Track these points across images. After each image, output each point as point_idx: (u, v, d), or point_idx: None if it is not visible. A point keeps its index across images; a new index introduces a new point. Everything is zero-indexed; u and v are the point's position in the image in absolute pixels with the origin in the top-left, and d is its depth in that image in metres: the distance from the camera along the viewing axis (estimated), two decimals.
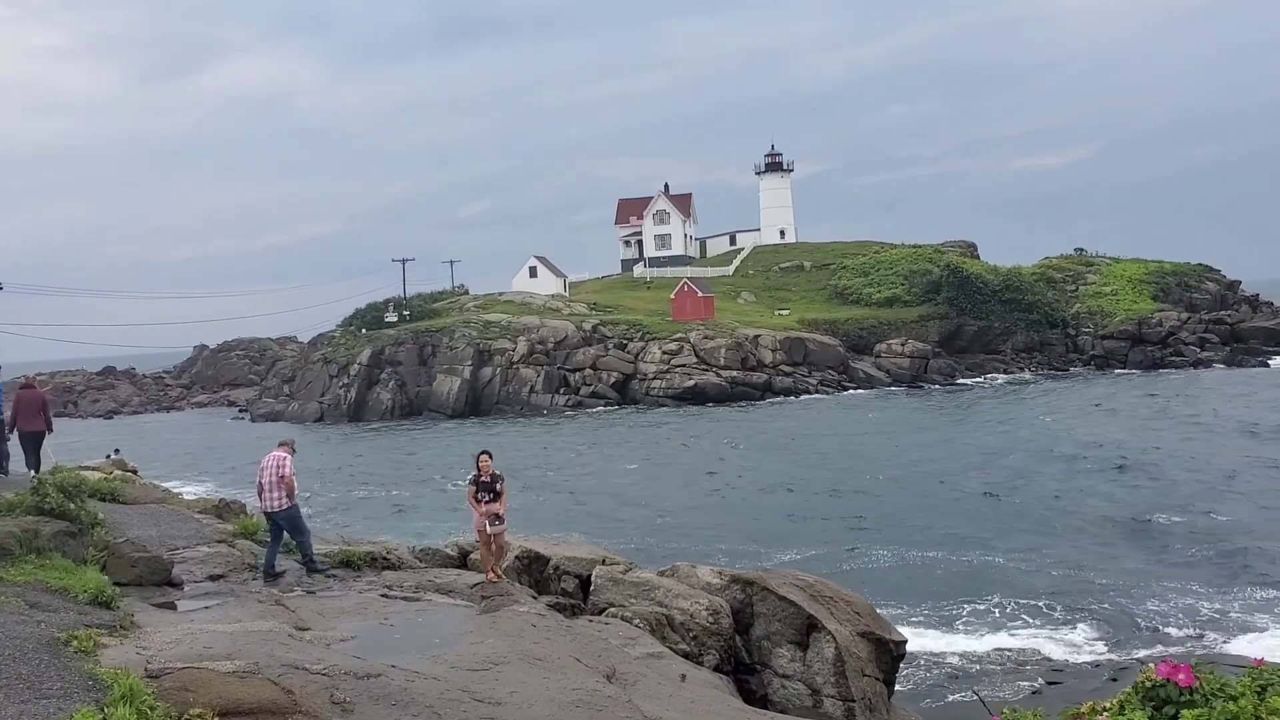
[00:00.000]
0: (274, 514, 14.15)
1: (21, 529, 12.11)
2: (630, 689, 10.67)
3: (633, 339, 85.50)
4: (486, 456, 14.03)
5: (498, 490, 13.91)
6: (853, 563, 28.57)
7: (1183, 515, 32.43)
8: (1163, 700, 4.15)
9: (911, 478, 42.14)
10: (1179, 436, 48.73)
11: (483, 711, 8.88)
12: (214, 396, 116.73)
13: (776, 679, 14.47)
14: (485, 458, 14.01)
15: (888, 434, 55.83)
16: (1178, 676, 4.17)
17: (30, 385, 20.25)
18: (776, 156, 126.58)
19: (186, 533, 16.18)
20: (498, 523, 13.94)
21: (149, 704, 7.44)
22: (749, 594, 15.27)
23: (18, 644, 8.56)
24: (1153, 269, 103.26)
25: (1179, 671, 4.18)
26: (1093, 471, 41.21)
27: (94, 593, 10.89)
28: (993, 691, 18.83)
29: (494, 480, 13.92)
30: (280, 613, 11.77)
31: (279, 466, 14.11)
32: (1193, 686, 4.13)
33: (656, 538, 32.78)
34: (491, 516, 13.82)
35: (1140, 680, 4.25)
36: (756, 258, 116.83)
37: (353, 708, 8.39)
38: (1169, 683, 4.18)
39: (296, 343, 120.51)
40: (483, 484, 13.94)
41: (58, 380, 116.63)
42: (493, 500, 13.83)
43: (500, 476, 14.06)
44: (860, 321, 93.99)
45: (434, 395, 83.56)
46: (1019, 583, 26.08)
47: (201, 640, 9.75)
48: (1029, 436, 51.72)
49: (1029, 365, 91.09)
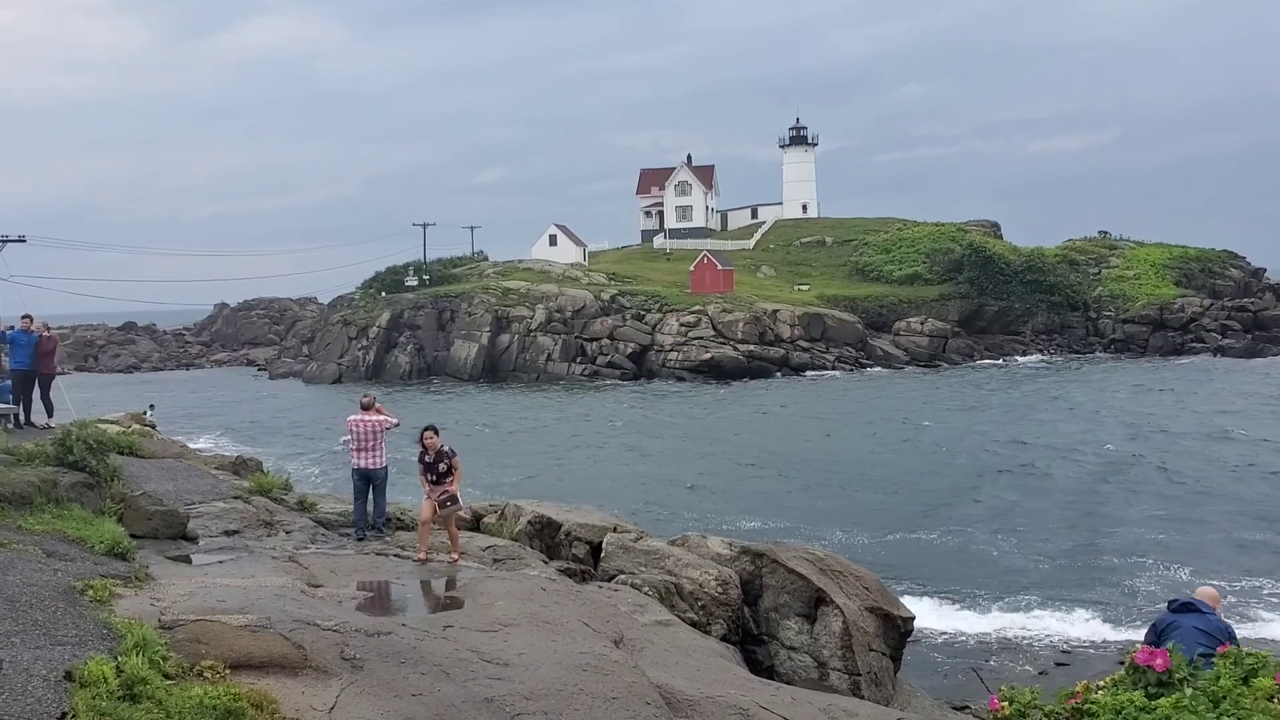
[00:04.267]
0: (372, 471, 14.33)
1: (41, 479, 12.26)
2: (638, 655, 10.76)
3: (650, 310, 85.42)
4: (432, 433, 12.99)
5: (447, 469, 13.01)
6: (863, 538, 28.62)
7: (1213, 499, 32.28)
8: (1145, 684, 4.24)
9: (926, 456, 42.11)
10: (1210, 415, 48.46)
11: (491, 671, 8.97)
12: (233, 355, 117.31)
13: (783, 650, 14.54)
14: (430, 434, 12.97)
15: (904, 412, 55.73)
16: (1155, 662, 4.27)
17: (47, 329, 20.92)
18: (801, 130, 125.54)
19: (203, 488, 16.34)
20: (450, 504, 13.03)
21: (161, 654, 7.54)
22: (758, 566, 15.33)
23: (34, 591, 8.69)
24: (1176, 254, 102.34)
25: (1156, 657, 4.28)
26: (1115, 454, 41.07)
27: (110, 544, 11.02)
28: (1000, 671, 18.88)
29: (439, 459, 13.01)
30: (293, 569, 11.89)
31: (377, 426, 14.25)
32: (1169, 670, 4.22)
33: (667, 508, 32.91)
34: (446, 498, 12.95)
35: (1128, 662, 4.34)
36: (778, 232, 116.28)
37: (362, 664, 8.48)
38: (1149, 668, 4.28)
39: (316, 304, 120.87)
40: (427, 464, 13.06)
41: (78, 334, 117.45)
42: (441, 481, 12.98)
43: (449, 453, 13.07)
44: (880, 299, 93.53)
45: (451, 360, 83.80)
46: (1033, 565, 26.09)
47: (215, 594, 9.87)
48: (1054, 417, 51.56)
49: (1048, 347, 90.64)
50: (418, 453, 13.17)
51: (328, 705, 7.61)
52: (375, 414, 14.38)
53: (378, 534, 14.48)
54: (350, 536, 14.42)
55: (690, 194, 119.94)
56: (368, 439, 14.24)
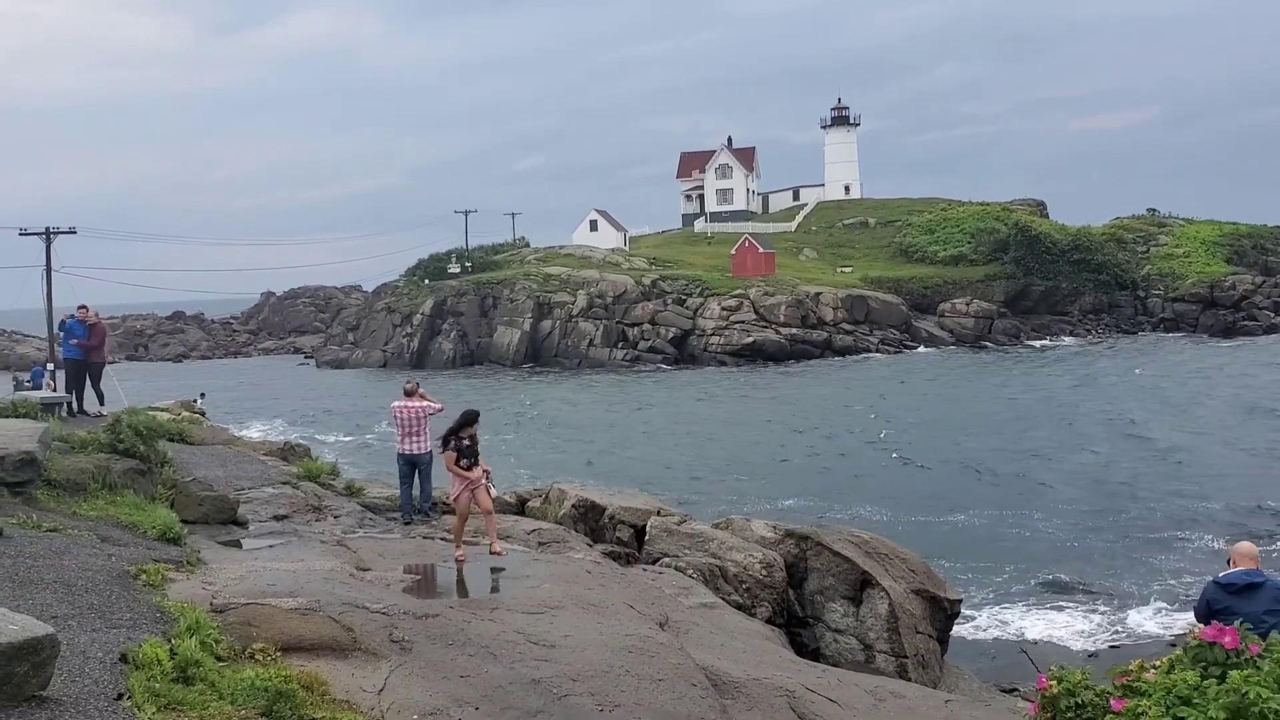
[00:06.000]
0: (418, 456, 14.47)
1: (94, 465, 12.47)
2: (683, 637, 10.77)
3: (692, 294, 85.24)
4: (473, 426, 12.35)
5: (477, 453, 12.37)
6: (909, 520, 28.41)
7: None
8: (1210, 662, 4.16)
9: (972, 437, 41.74)
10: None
11: (537, 653, 9.01)
12: (280, 343, 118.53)
13: (829, 633, 14.51)
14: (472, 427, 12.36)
15: (948, 393, 55.28)
16: (1224, 639, 4.20)
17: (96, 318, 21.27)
18: (843, 110, 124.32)
19: (252, 474, 16.55)
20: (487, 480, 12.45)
21: (214, 637, 7.64)
22: (803, 549, 15.29)
23: (90, 575, 8.84)
24: (1227, 231, 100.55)
25: (1225, 634, 4.21)
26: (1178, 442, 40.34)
27: (162, 529, 11.19)
28: (1049, 654, 18.69)
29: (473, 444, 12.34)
30: (342, 553, 12.01)
31: (421, 412, 14.37)
32: (1238, 649, 4.15)
33: (710, 491, 32.88)
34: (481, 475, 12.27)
35: (1190, 641, 4.27)
36: (820, 214, 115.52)
37: (410, 646, 8.55)
38: (1216, 645, 4.21)
39: (361, 291, 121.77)
40: (467, 449, 12.27)
41: (128, 324, 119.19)
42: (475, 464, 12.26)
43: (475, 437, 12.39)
44: (924, 280, 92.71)
45: (494, 346, 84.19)
46: (1085, 546, 25.76)
47: (265, 578, 9.99)
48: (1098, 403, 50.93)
49: (1096, 327, 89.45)
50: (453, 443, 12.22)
51: (377, 687, 7.69)
52: (419, 400, 14.48)
53: (424, 518, 14.60)
54: (397, 521, 14.56)
55: (731, 177, 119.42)
56: (412, 424, 14.35)
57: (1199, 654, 4.24)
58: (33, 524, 10.30)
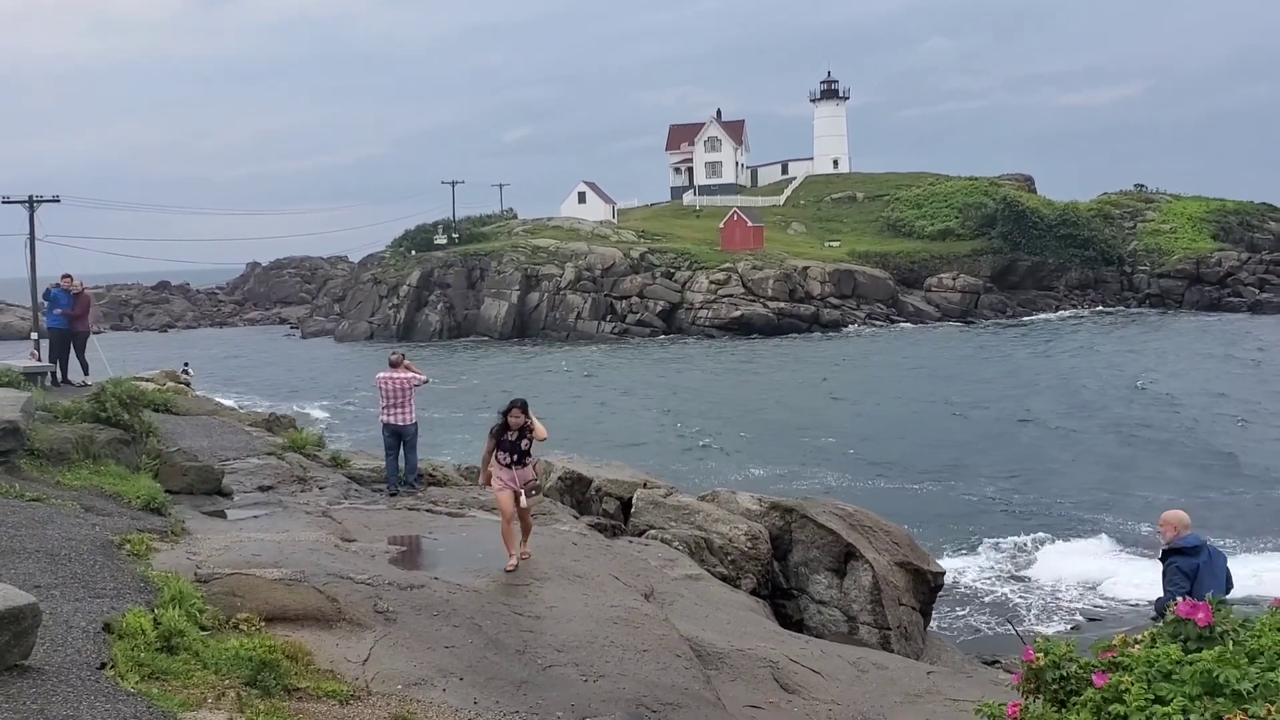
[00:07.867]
0: (403, 428, 14.42)
1: (78, 435, 12.41)
2: (668, 608, 10.81)
3: (680, 268, 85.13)
4: (519, 411, 10.57)
5: (529, 446, 10.68)
6: (893, 493, 28.56)
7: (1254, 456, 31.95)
8: (1185, 637, 4.20)
9: (959, 411, 41.90)
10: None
11: (523, 624, 9.04)
12: (266, 313, 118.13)
13: (813, 605, 14.59)
14: (518, 412, 10.56)
15: (932, 367, 55.44)
16: (1196, 615, 4.23)
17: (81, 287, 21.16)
18: (832, 83, 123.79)
19: (237, 444, 16.52)
20: (534, 492, 10.98)
21: (198, 607, 7.63)
22: (788, 521, 15.35)
23: (73, 545, 8.81)
24: (1214, 207, 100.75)
25: (1198, 610, 4.24)
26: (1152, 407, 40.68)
27: (146, 499, 11.16)
28: (1032, 626, 18.86)
29: (520, 437, 10.60)
30: (327, 524, 12.00)
31: (406, 384, 14.31)
32: (1211, 625, 4.18)
33: (696, 463, 32.97)
34: (528, 487, 10.66)
35: (1170, 616, 4.30)
36: (808, 187, 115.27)
37: (395, 617, 8.56)
38: (1189, 621, 4.24)
39: (347, 262, 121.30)
40: (507, 442, 10.65)
41: (113, 293, 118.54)
42: (520, 462, 10.63)
43: (530, 429, 10.59)
44: (911, 254, 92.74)
45: (481, 318, 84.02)
46: (1066, 519, 25.96)
47: (250, 548, 9.98)
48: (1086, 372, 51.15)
49: (1082, 302, 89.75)
50: (494, 429, 10.68)
51: (361, 657, 7.70)
52: (404, 371, 14.45)
53: (410, 489, 14.60)
54: (382, 492, 14.55)
55: (720, 150, 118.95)
56: (397, 396, 14.32)
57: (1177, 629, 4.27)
58: (16, 493, 10.26)
